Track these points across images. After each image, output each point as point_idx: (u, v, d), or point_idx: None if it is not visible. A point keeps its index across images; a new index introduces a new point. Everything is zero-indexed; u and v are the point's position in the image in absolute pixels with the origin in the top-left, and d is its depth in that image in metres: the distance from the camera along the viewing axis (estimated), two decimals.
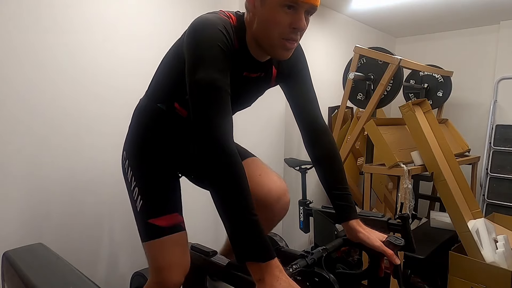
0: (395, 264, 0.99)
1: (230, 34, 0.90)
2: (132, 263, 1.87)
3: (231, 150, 0.82)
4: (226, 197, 0.81)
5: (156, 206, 1.08)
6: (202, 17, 0.91)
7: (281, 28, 0.88)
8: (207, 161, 0.82)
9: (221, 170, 0.81)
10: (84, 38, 1.65)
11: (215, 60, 0.85)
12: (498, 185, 3.09)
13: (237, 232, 0.80)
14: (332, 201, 1.09)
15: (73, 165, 1.66)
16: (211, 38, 0.86)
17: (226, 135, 0.83)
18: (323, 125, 1.13)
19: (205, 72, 0.84)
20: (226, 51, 0.87)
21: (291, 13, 0.86)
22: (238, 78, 0.99)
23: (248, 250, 0.79)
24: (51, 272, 1.10)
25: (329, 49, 3.13)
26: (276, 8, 0.86)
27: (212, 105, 0.83)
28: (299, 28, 0.88)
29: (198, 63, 0.85)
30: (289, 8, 0.86)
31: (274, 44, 0.91)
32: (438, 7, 2.94)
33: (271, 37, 0.90)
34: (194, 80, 0.84)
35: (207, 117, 0.82)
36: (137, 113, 1.18)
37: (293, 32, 0.89)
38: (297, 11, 0.86)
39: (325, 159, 1.11)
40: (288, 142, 2.76)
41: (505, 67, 3.28)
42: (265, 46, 0.93)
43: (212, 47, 0.85)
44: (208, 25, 0.88)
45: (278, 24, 0.87)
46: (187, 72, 0.87)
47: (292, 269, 0.88)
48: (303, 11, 0.87)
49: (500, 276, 1.95)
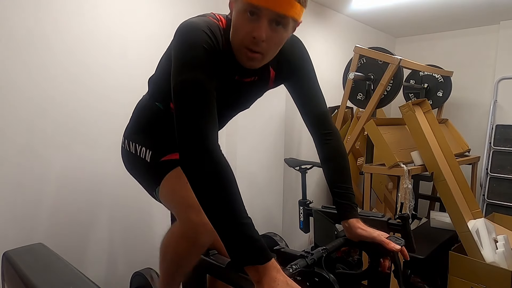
0: (395, 250, 0.97)
1: (216, 36, 0.87)
2: (132, 263, 1.87)
3: (216, 155, 0.79)
4: (213, 205, 0.78)
5: (164, 147, 1.09)
6: (187, 20, 0.90)
7: (241, 34, 0.84)
8: (191, 168, 0.79)
9: (206, 178, 0.77)
10: (86, 38, 1.65)
11: (199, 62, 0.83)
12: (498, 185, 3.09)
13: (230, 238, 0.78)
14: (334, 199, 1.09)
15: (74, 166, 1.66)
16: (194, 39, 0.84)
17: (210, 139, 0.80)
18: (331, 124, 1.12)
19: (188, 73, 0.82)
20: (210, 52, 0.85)
21: (254, 20, 0.82)
22: (230, 82, 0.98)
23: (243, 256, 0.77)
24: (51, 272, 1.10)
25: (329, 49, 3.13)
26: (241, 13, 0.83)
27: (195, 107, 0.80)
28: (257, 37, 0.82)
29: (181, 65, 0.84)
30: (252, 14, 0.81)
31: (237, 50, 0.88)
32: (438, 7, 2.95)
33: (234, 42, 0.88)
34: (178, 81, 0.82)
35: (190, 120, 0.79)
36: (138, 108, 1.22)
37: (253, 42, 0.83)
38: (259, 19, 0.81)
39: (332, 159, 1.11)
40: (288, 142, 2.76)
41: (505, 67, 3.28)
42: (234, 51, 0.90)
43: (196, 49, 0.83)
44: (192, 27, 0.86)
45: (240, 30, 0.84)
46: (172, 74, 0.85)
47: (292, 269, 0.87)
48: (267, 20, 0.81)
49: (500, 276, 1.94)
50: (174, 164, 1.04)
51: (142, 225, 1.94)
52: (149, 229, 1.97)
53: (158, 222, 1.94)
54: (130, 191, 1.78)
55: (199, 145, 0.79)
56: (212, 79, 0.84)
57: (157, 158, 1.08)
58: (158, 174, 1.05)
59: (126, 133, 1.21)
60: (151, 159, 1.09)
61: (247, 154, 2.43)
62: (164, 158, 1.07)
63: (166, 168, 1.05)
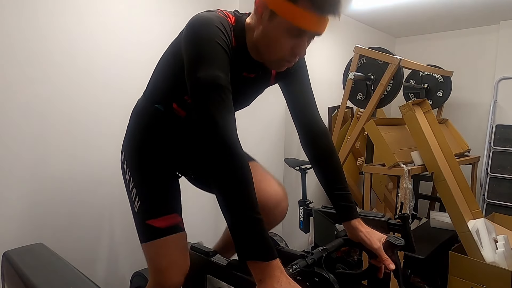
0: (389, 270, 0.99)
1: (227, 31, 0.89)
2: (132, 263, 1.87)
3: (237, 150, 0.82)
4: (231, 197, 0.80)
5: (154, 207, 1.08)
6: (199, 14, 0.90)
7: (282, 51, 0.88)
8: (213, 162, 0.82)
9: (227, 171, 0.80)
10: (83, 39, 1.65)
11: (215, 57, 0.84)
12: (498, 185, 3.09)
13: (241, 231, 0.80)
14: (333, 201, 1.09)
15: (73, 165, 1.66)
16: (208, 35, 0.85)
17: (231, 135, 0.82)
18: (321, 125, 1.12)
19: (206, 70, 0.82)
20: (224, 48, 0.86)
21: (295, 37, 0.86)
22: (238, 78, 0.98)
23: (250, 249, 0.79)
24: (51, 272, 1.10)
25: (329, 49, 3.13)
26: (283, 31, 0.85)
27: (215, 104, 0.82)
28: (300, 55, 0.89)
29: (197, 61, 0.84)
30: (297, 36, 0.85)
31: (272, 60, 0.93)
32: (438, 7, 2.94)
33: (270, 54, 0.91)
34: (196, 78, 0.83)
35: (211, 117, 0.81)
36: (135, 114, 1.17)
37: (293, 55, 0.89)
38: (303, 38, 0.86)
39: (323, 160, 1.11)
40: (288, 142, 2.76)
41: (505, 67, 3.28)
42: (263, 57, 0.94)
43: (211, 44, 0.84)
44: (206, 22, 0.86)
45: (280, 46, 0.87)
46: (187, 71, 0.85)
47: (292, 269, 0.88)
48: (308, 38, 0.87)
49: (500, 276, 1.94)
50: (157, 234, 1.05)
51: None
52: None
53: None
54: None
55: (221, 142, 0.81)
56: (228, 75, 0.85)
57: (144, 216, 1.07)
58: (142, 232, 1.08)
59: (124, 147, 1.17)
60: (138, 212, 1.08)
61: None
62: (150, 221, 1.06)
63: (149, 234, 1.06)
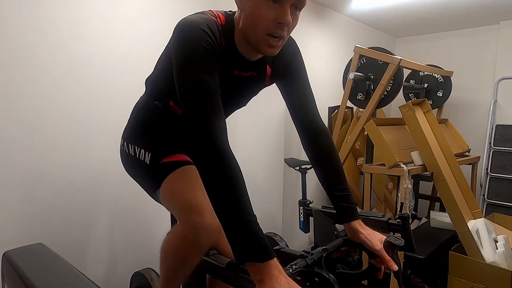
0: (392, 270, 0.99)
1: (215, 33, 0.89)
2: (132, 263, 1.87)
3: (227, 153, 0.82)
4: (222, 201, 0.80)
5: (165, 148, 1.09)
6: (184, 18, 0.90)
7: (265, 23, 0.85)
8: (202, 166, 0.82)
9: (216, 175, 0.81)
10: (85, 38, 1.65)
11: (201, 61, 0.84)
12: (498, 185, 3.09)
13: (235, 233, 0.80)
14: (333, 202, 1.09)
15: (73, 165, 1.66)
16: (194, 38, 0.85)
17: (221, 137, 0.83)
18: (321, 125, 1.12)
19: (192, 74, 0.83)
20: (210, 50, 0.86)
21: (277, 7, 0.84)
22: (230, 78, 0.99)
23: (246, 251, 0.79)
24: (51, 272, 1.10)
25: (329, 49, 3.13)
26: (261, 2, 0.84)
27: (203, 108, 0.83)
28: (284, 22, 0.85)
29: (183, 66, 0.85)
30: (275, 2, 0.83)
31: (258, 39, 0.89)
32: (438, 7, 2.95)
33: (256, 32, 0.88)
34: (183, 83, 0.84)
35: (200, 121, 0.82)
36: (137, 108, 1.21)
37: (279, 27, 0.86)
38: (282, 5, 0.84)
39: (324, 160, 1.11)
40: (288, 142, 2.76)
41: (505, 67, 3.28)
42: (251, 41, 0.91)
43: (196, 47, 0.85)
44: (190, 26, 0.87)
45: (263, 18, 0.85)
46: (175, 75, 0.86)
47: (292, 269, 0.87)
48: (289, 5, 0.85)
49: (500, 276, 1.94)
50: (174, 166, 1.05)
51: (142, 225, 1.94)
52: (149, 229, 1.97)
53: (158, 222, 1.94)
54: (130, 191, 1.78)
55: (210, 145, 0.81)
56: (215, 77, 0.86)
57: (157, 160, 1.07)
58: (158, 176, 1.05)
59: (124, 135, 1.21)
60: (150, 161, 1.08)
61: (247, 154, 2.43)
62: (164, 160, 1.06)
63: (166, 170, 1.05)
